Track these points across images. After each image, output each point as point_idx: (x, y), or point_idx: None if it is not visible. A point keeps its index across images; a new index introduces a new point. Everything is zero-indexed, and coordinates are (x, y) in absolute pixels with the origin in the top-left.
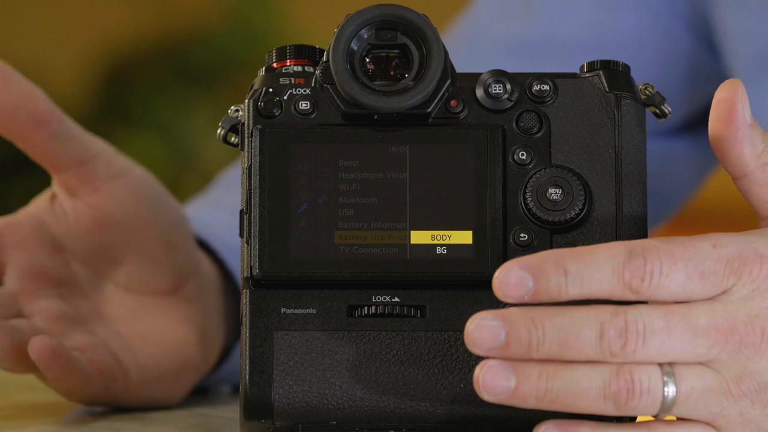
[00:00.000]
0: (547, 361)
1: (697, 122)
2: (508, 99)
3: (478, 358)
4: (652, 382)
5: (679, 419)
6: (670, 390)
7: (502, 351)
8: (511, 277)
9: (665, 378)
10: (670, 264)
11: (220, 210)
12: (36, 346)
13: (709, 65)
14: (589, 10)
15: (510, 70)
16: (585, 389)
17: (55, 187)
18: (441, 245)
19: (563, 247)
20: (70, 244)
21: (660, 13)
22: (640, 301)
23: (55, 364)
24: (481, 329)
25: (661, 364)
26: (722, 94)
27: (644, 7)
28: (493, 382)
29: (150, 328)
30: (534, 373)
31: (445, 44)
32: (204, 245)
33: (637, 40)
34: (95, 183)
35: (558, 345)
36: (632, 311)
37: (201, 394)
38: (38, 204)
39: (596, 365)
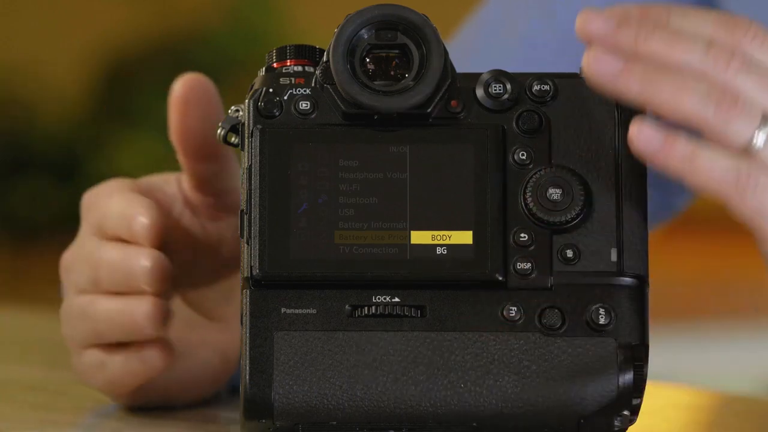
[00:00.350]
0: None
1: None
2: (509, 99)
3: (479, 359)
4: (753, 104)
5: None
6: (763, 133)
7: (612, 35)
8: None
9: (760, 124)
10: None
11: None
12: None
13: None
14: (599, 6)
15: (523, 68)
16: (691, 86)
17: (184, 191)
18: (441, 245)
19: (563, 246)
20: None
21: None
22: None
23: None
24: (592, 12)
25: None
26: None
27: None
28: (603, 58)
29: (189, 339)
30: (642, 62)
31: (456, 42)
32: None
33: None
34: (218, 214)
35: (667, 41)
36: (739, 48)
37: None
38: (169, 188)
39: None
